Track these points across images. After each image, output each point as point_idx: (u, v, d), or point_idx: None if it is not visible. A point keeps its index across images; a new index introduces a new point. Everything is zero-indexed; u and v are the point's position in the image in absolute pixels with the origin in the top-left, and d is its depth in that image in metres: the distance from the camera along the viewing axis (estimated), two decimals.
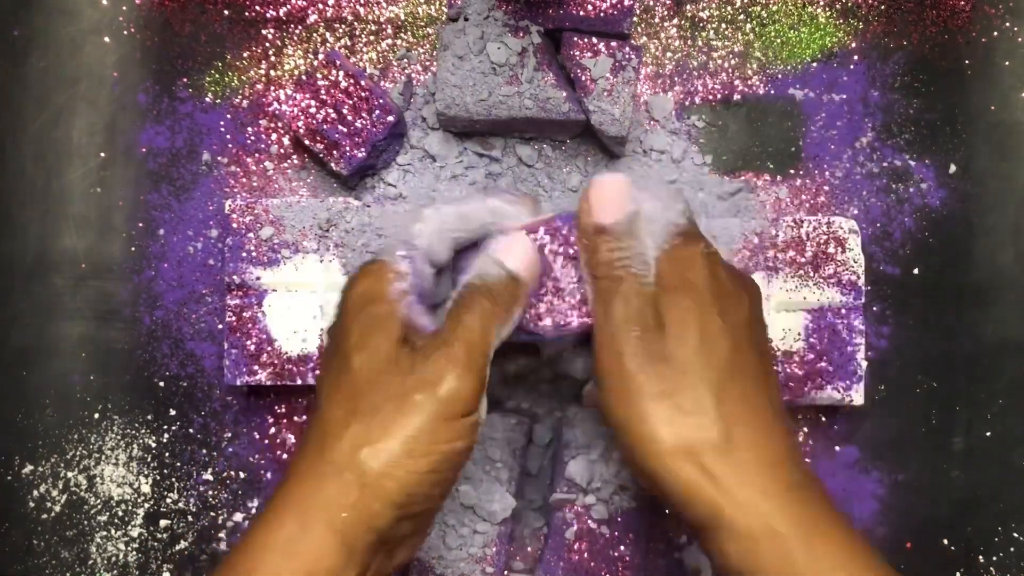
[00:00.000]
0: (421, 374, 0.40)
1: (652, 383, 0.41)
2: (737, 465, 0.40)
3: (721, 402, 0.41)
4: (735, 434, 0.40)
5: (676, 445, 0.40)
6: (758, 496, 0.40)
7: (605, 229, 0.43)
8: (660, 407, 0.41)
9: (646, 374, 0.41)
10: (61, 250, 0.58)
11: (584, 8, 0.55)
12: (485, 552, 0.54)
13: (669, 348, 0.41)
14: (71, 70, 0.59)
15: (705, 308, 0.42)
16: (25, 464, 0.58)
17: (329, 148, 0.56)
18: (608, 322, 0.43)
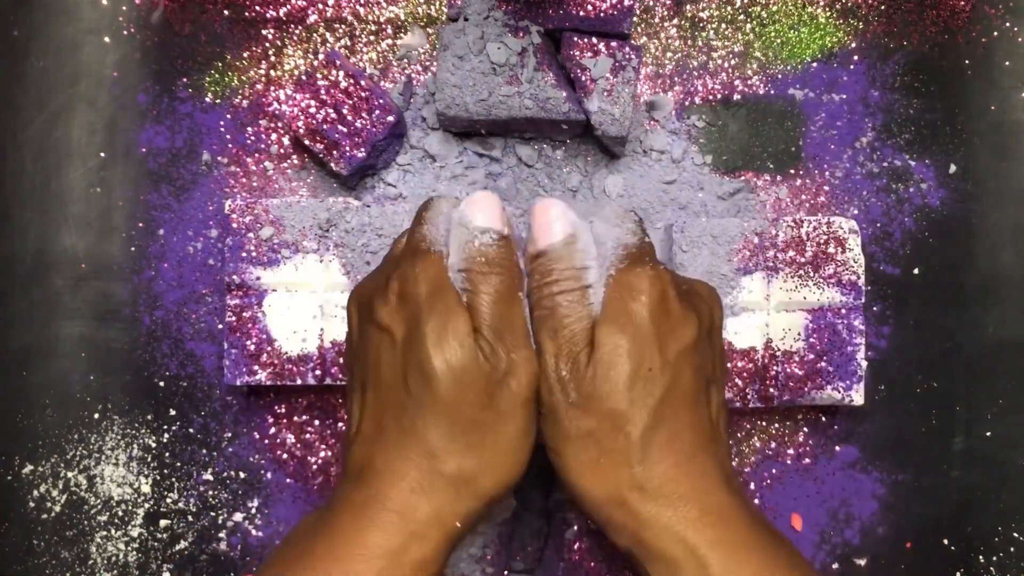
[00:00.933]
0: (501, 378, 0.41)
1: (578, 424, 0.41)
2: (659, 500, 0.40)
3: (646, 445, 0.41)
4: (657, 473, 0.41)
5: (600, 496, 0.41)
6: (679, 525, 0.40)
7: (541, 253, 0.42)
8: (585, 453, 0.41)
9: (571, 417, 0.41)
10: (61, 250, 0.58)
11: (584, 8, 0.55)
12: (485, 552, 0.54)
13: (598, 388, 0.40)
14: (71, 70, 0.59)
15: (642, 344, 0.41)
16: (25, 464, 0.58)
17: (329, 148, 0.56)
18: (541, 356, 0.42)
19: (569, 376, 0.41)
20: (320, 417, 0.58)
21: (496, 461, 0.41)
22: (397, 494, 0.40)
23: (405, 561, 0.39)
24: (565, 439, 0.41)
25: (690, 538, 0.40)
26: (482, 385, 0.40)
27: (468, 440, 0.40)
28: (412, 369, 0.41)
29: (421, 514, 0.40)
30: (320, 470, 0.58)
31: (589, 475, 0.41)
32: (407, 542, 0.39)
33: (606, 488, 0.41)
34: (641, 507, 0.40)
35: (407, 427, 0.41)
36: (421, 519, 0.39)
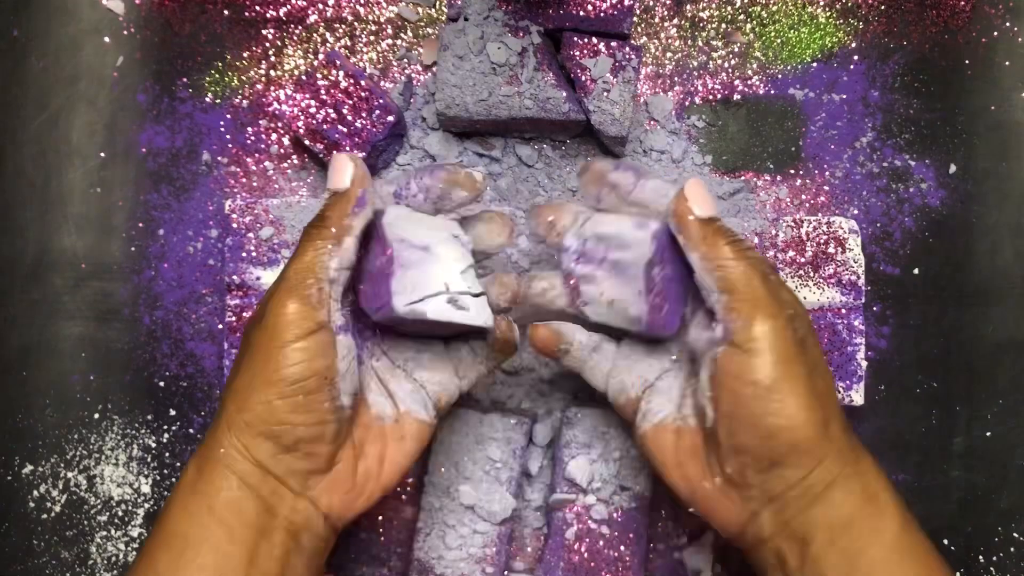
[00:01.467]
0: (258, 315, 0.43)
1: (800, 361, 0.42)
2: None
3: (835, 392, 0.45)
4: (842, 418, 0.44)
5: (813, 434, 0.42)
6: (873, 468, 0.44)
7: (716, 219, 0.44)
8: (805, 390, 0.42)
9: (799, 353, 0.42)
10: (61, 250, 0.58)
11: (584, 8, 0.55)
12: (485, 552, 0.54)
13: (812, 338, 0.44)
14: (71, 70, 0.59)
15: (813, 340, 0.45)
16: (25, 464, 0.58)
17: (329, 148, 0.56)
18: (764, 299, 0.42)
19: (789, 323, 0.42)
20: None
21: (234, 379, 0.43)
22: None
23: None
24: (793, 380, 0.41)
25: (874, 483, 0.43)
26: (251, 329, 0.43)
27: (233, 367, 0.43)
28: None
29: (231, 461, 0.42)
30: None
31: (813, 413, 0.41)
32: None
33: (828, 427, 0.42)
34: (847, 445, 0.43)
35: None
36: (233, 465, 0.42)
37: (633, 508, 0.55)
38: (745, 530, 0.43)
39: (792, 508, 0.42)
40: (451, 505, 0.55)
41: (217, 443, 0.42)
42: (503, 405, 0.58)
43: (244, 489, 0.42)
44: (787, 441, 0.41)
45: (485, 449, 0.55)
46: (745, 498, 0.43)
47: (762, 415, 0.41)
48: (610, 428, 0.55)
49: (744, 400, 0.41)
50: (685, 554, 0.57)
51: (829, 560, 0.41)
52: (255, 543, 0.41)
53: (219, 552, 0.41)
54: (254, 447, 0.42)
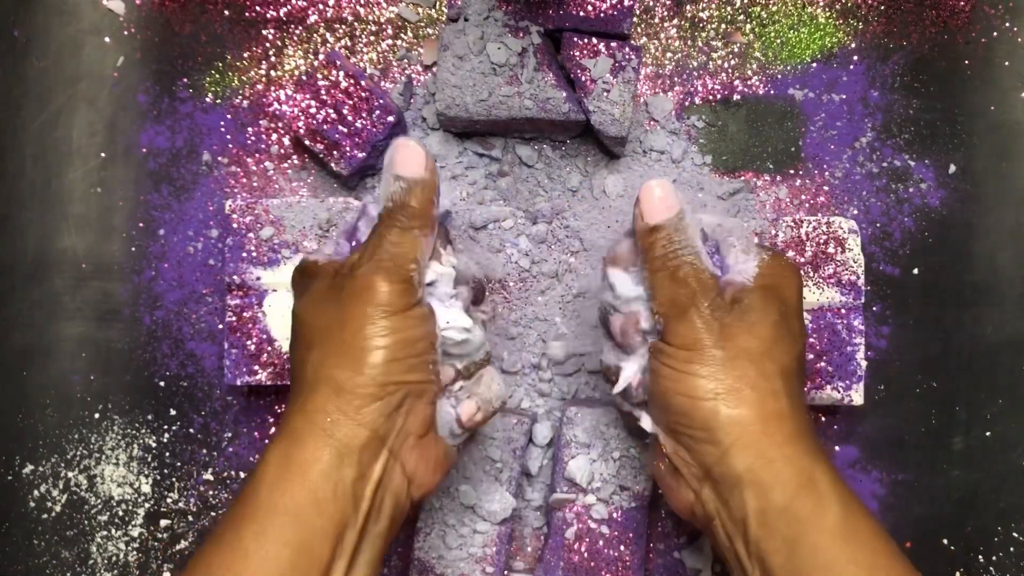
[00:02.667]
0: (351, 289, 0.44)
1: (732, 353, 0.44)
2: (798, 435, 0.45)
3: (788, 387, 0.45)
4: (792, 414, 0.44)
5: (744, 416, 0.44)
6: (806, 458, 0.44)
7: (658, 227, 0.46)
8: (732, 379, 0.44)
9: (728, 345, 0.44)
10: (61, 250, 0.58)
11: (584, 8, 0.55)
12: (485, 552, 0.54)
13: (738, 331, 0.45)
14: (71, 70, 0.59)
15: (793, 311, 0.47)
16: (25, 464, 0.58)
17: (329, 148, 0.56)
18: (676, 300, 0.45)
19: (710, 315, 0.45)
20: None
21: (338, 352, 0.43)
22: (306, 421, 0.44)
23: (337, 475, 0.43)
24: (711, 362, 0.44)
25: (810, 470, 0.43)
26: (332, 301, 0.45)
27: (321, 346, 0.44)
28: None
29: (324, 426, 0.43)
30: None
31: (732, 396, 0.44)
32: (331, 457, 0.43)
33: (747, 408, 0.43)
34: (781, 432, 0.44)
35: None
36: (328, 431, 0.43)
37: (633, 508, 0.55)
38: (694, 509, 0.46)
39: (725, 487, 0.44)
40: (451, 505, 0.55)
41: (321, 410, 0.43)
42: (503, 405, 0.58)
43: (345, 457, 0.42)
44: (695, 417, 0.44)
45: (485, 449, 0.55)
46: (687, 476, 0.45)
47: (672, 393, 0.45)
48: (610, 428, 0.55)
49: (661, 381, 0.45)
50: (685, 554, 0.57)
51: (770, 544, 0.42)
52: (344, 517, 0.42)
53: (307, 526, 0.41)
54: (365, 407, 0.43)
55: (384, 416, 0.43)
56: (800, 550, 0.41)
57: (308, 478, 0.42)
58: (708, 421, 0.44)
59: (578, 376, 0.58)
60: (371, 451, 0.43)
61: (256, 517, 0.41)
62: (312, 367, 0.44)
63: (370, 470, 0.43)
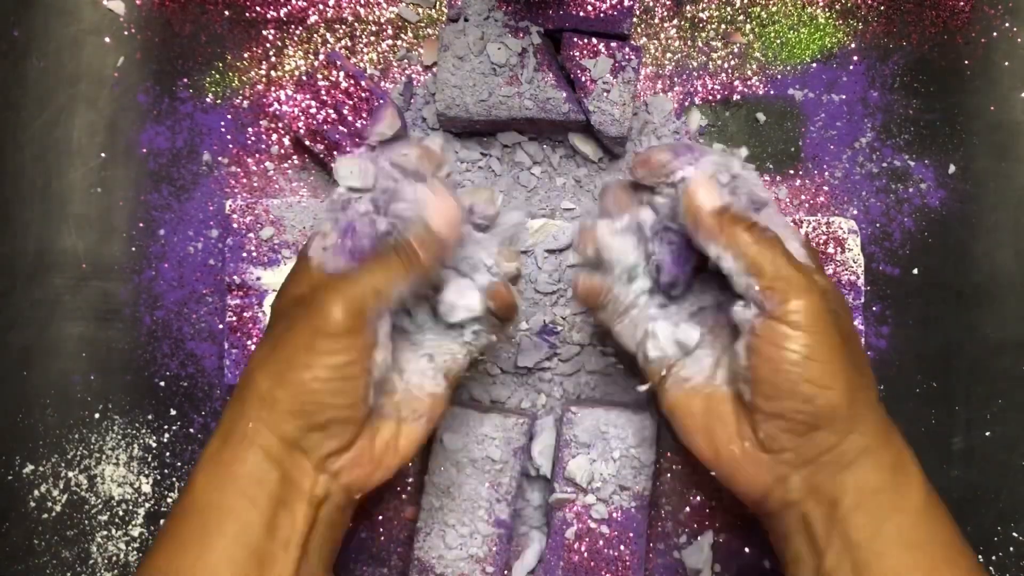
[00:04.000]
0: (310, 303, 0.44)
1: (835, 336, 0.44)
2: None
3: (868, 364, 0.47)
4: (876, 391, 0.46)
5: (849, 400, 0.44)
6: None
7: (727, 207, 0.45)
8: (841, 359, 0.44)
9: (833, 326, 0.44)
10: (61, 250, 0.58)
11: (584, 8, 0.55)
12: (485, 552, 0.54)
13: (841, 314, 0.45)
14: (71, 70, 0.59)
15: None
16: (26, 464, 0.58)
17: (329, 148, 0.56)
18: (792, 274, 0.44)
19: (830, 294, 0.45)
20: None
21: (274, 361, 0.44)
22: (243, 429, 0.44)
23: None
24: (832, 348, 0.43)
25: (900, 451, 0.45)
26: (296, 310, 0.45)
27: (267, 348, 0.45)
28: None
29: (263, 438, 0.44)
30: None
31: (849, 380, 0.43)
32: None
33: (863, 395, 0.44)
34: (879, 416, 0.45)
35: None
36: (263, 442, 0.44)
37: (633, 508, 0.55)
38: (770, 494, 0.45)
39: (824, 472, 0.43)
40: (451, 505, 0.55)
41: (244, 416, 0.44)
42: (503, 405, 0.58)
43: (267, 462, 0.43)
44: (823, 406, 0.43)
45: (485, 449, 0.55)
46: (776, 462, 0.44)
47: (799, 381, 0.43)
48: (610, 428, 0.55)
49: (783, 367, 0.43)
50: (685, 554, 0.57)
51: (856, 521, 0.42)
52: (275, 513, 0.43)
53: (240, 520, 0.42)
54: (284, 422, 0.43)
55: (303, 432, 0.43)
56: (887, 528, 0.43)
57: (236, 478, 0.43)
58: (835, 410, 0.43)
59: (578, 376, 0.58)
60: (293, 461, 0.44)
61: (195, 512, 0.43)
62: (250, 367, 0.45)
63: (296, 478, 0.44)
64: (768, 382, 0.43)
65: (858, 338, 0.45)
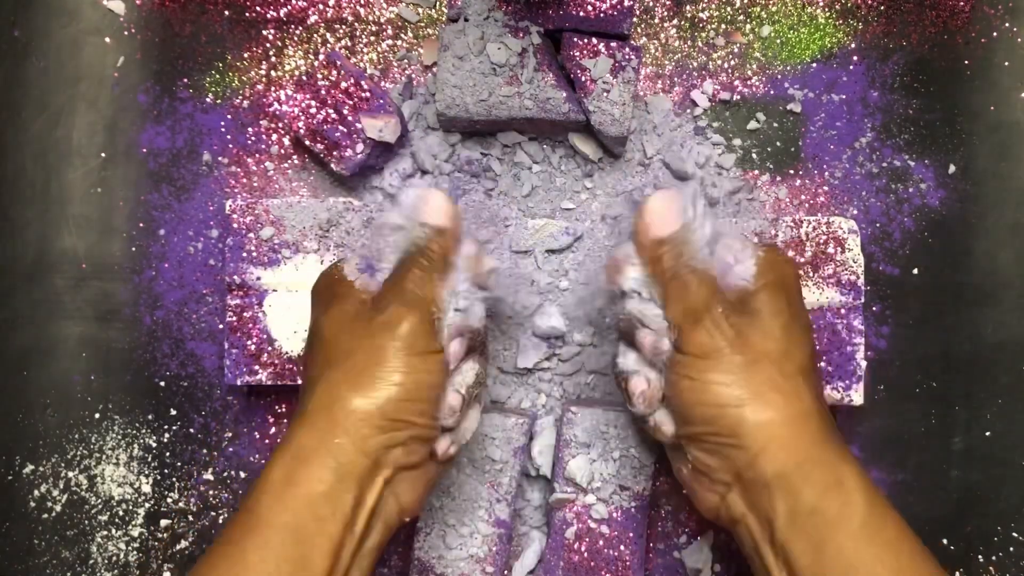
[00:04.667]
0: (380, 321, 0.45)
1: (741, 356, 0.45)
2: (832, 432, 0.46)
3: (809, 386, 0.46)
4: (816, 412, 0.45)
5: (761, 425, 0.44)
6: (836, 454, 0.45)
7: (664, 240, 0.47)
8: (753, 383, 0.44)
9: (734, 350, 0.45)
10: (61, 250, 0.59)
11: (584, 8, 0.55)
12: (485, 552, 0.54)
13: (753, 334, 0.45)
14: (71, 70, 0.59)
15: (797, 307, 0.47)
16: (26, 464, 0.58)
17: (329, 148, 0.56)
18: (690, 309, 0.46)
19: (725, 321, 0.45)
20: None
21: (356, 378, 0.44)
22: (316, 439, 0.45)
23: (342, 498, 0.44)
24: (728, 369, 0.45)
25: (838, 470, 0.44)
26: (361, 326, 0.46)
27: (340, 366, 0.45)
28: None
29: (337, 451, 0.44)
30: None
31: (754, 398, 0.44)
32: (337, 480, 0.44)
33: (774, 411, 0.44)
34: (808, 433, 0.44)
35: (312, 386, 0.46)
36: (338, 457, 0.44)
37: (633, 508, 0.55)
38: (718, 512, 0.47)
39: (754, 490, 0.44)
40: (451, 505, 0.55)
41: (328, 433, 0.44)
42: (503, 405, 0.58)
43: (346, 481, 0.43)
44: (724, 426, 0.44)
45: (485, 449, 0.55)
46: (712, 481, 0.46)
47: (698, 404, 0.45)
48: (610, 428, 0.55)
49: (683, 393, 0.46)
50: (684, 554, 0.57)
51: (797, 546, 0.42)
52: (342, 535, 0.43)
53: (307, 543, 0.42)
54: (372, 439, 0.44)
55: (386, 448, 0.44)
56: (827, 551, 0.42)
57: (311, 497, 0.43)
58: (735, 428, 0.44)
59: (578, 376, 0.58)
60: (370, 479, 0.44)
61: (259, 531, 0.42)
62: (328, 385, 0.45)
63: (366, 496, 0.44)
64: (678, 408, 0.46)
65: (779, 355, 0.45)
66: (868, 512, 0.43)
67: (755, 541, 0.45)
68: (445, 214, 0.48)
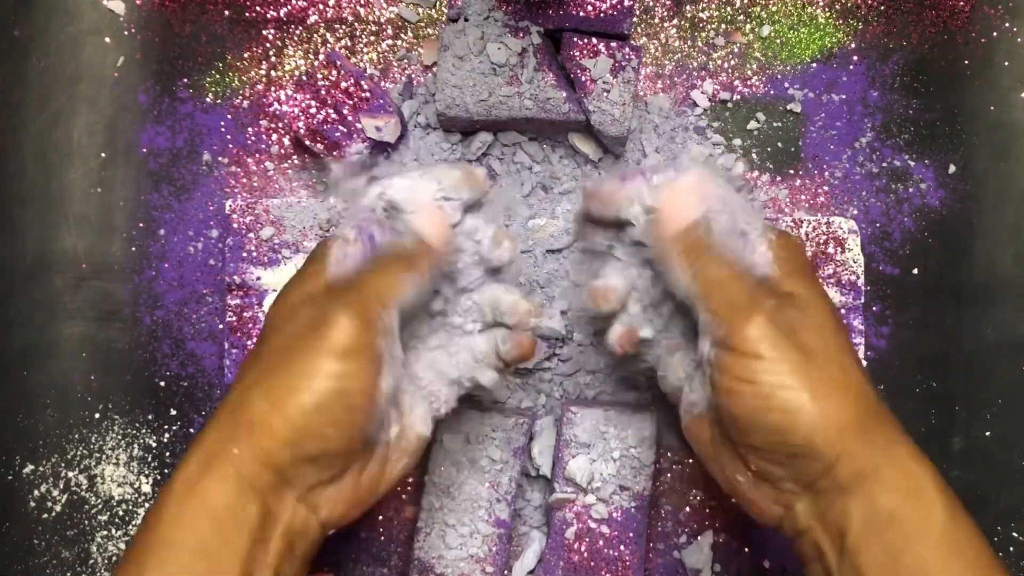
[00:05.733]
0: (312, 319, 0.41)
1: (796, 355, 0.41)
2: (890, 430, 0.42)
3: (861, 372, 0.42)
4: (872, 404, 0.42)
5: (840, 420, 0.40)
6: (911, 456, 0.42)
7: (695, 223, 0.44)
8: (816, 378, 0.41)
9: (785, 348, 0.41)
10: (61, 250, 0.59)
11: (584, 8, 0.55)
12: (485, 552, 0.54)
13: (807, 328, 0.42)
14: (71, 70, 0.59)
15: (827, 298, 0.44)
16: (26, 464, 0.58)
17: (329, 148, 0.56)
18: (737, 304, 0.42)
19: (779, 315, 0.41)
20: None
21: (269, 380, 0.41)
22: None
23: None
24: (793, 371, 0.41)
25: (917, 474, 0.41)
26: (299, 317, 0.42)
27: (263, 362, 0.41)
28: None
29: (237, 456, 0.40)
30: None
31: (824, 400, 0.40)
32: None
33: (845, 412, 0.40)
34: (880, 432, 0.41)
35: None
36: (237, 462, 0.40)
37: (633, 508, 0.55)
38: (781, 522, 0.43)
39: (826, 499, 0.41)
40: (451, 505, 0.55)
41: (232, 440, 0.40)
42: (503, 405, 0.58)
43: (248, 493, 0.40)
44: (795, 434, 0.40)
45: (485, 449, 0.55)
46: (777, 490, 0.42)
47: (763, 412, 0.41)
48: (610, 428, 0.55)
49: (743, 400, 0.41)
50: (684, 554, 0.57)
51: (869, 554, 0.39)
52: (250, 551, 0.40)
53: (212, 560, 0.39)
54: (276, 452, 0.40)
55: (295, 463, 0.40)
56: (903, 562, 0.39)
57: (213, 512, 0.39)
58: (810, 436, 0.40)
59: (578, 376, 0.58)
60: (277, 496, 0.41)
61: (158, 552, 0.39)
62: (240, 385, 0.41)
63: (276, 510, 0.41)
64: (735, 417, 0.42)
65: (835, 349, 0.42)
66: (949, 523, 0.39)
67: (821, 552, 0.41)
68: (442, 231, 0.45)
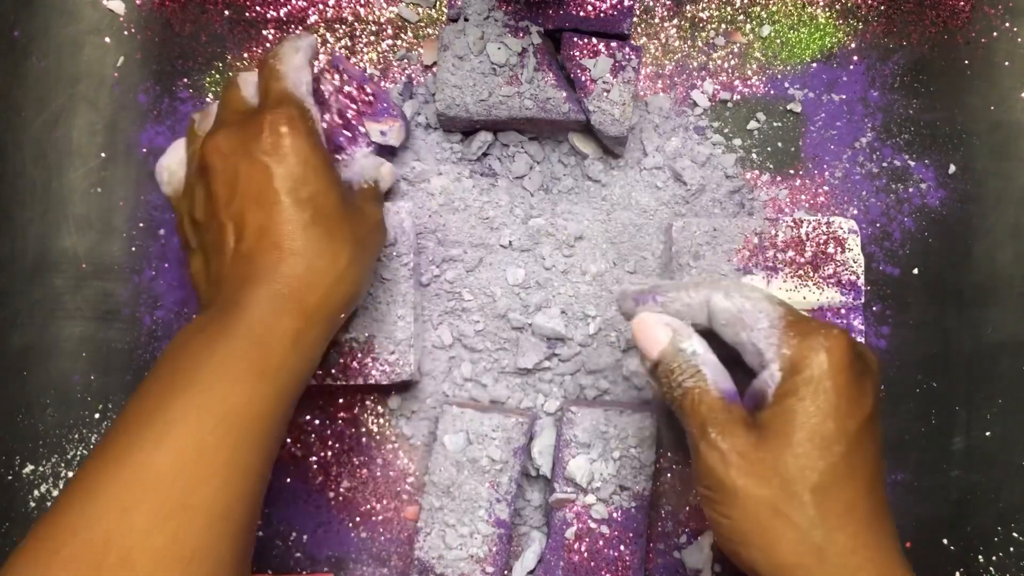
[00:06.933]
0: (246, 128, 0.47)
1: (747, 488, 0.41)
2: (836, 569, 0.40)
3: (824, 510, 0.41)
4: (838, 540, 0.40)
5: (775, 560, 0.41)
6: None
7: (657, 363, 0.45)
8: (756, 516, 0.41)
9: (738, 482, 0.41)
10: (62, 250, 0.59)
11: (584, 8, 0.55)
12: (485, 552, 0.54)
13: (768, 455, 0.41)
14: (71, 70, 0.59)
15: (822, 412, 0.41)
16: (26, 464, 0.58)
17: (332, 152, 0.56)
18: (700, 437, 0.43)
19: (729, 447, 0.41)
20: (319, 417, 0.58)
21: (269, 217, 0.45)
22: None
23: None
24: (732, 504, 0.41)
25: None
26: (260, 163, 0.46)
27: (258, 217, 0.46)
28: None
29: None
30: (320, 470, 0.58)
31: (760, 539, 0.41)
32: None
33: (778, 563, 0.40)
34: (819, 573, 0.40)
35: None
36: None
37: (633, 508, 0.55)
38: None
39: None
40: (451, 505, 0.55)
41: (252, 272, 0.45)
42: (503, 405, 0.58)
43: (271, 313, 0.44)
44: (764, 572, 0.41)
45: (485, 449, 0.55)
46: None
47: (730, 553, 0.42)
48: (610, 428, 0.55)
49: (720, 541, 0.43)
50: (684, 554, 0.57)
51: None
52: (257, 383, 0.43)
53: (228, 391, 0.42)
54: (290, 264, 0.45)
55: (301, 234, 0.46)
56: None
57: (232, 345, 0.43)
58: (779, 572, 0.40)
59: (578, 376, 0.58)
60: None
61: (179, 383, 0.43)
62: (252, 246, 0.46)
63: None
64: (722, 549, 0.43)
65: (838, 483, 0.41)
66: None
67: None
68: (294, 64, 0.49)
